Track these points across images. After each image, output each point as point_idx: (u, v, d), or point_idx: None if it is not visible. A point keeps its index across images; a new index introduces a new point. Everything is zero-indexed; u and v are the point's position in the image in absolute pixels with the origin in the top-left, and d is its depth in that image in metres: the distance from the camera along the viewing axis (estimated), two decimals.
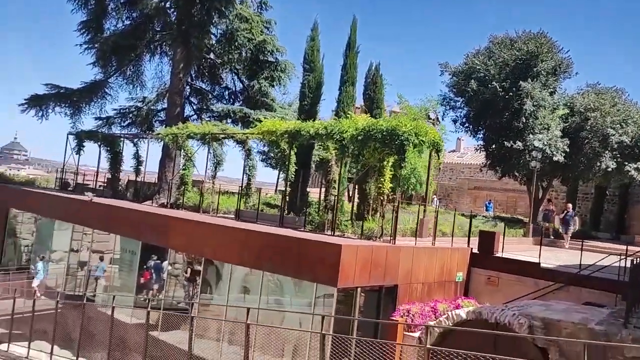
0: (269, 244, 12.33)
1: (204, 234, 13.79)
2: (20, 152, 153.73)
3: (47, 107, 24.28)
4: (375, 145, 13.23)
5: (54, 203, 20.00)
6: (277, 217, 15.91)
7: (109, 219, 17.11)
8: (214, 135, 18.19)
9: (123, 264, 16.65)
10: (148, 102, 25.88)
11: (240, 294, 13.02)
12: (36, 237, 21.85)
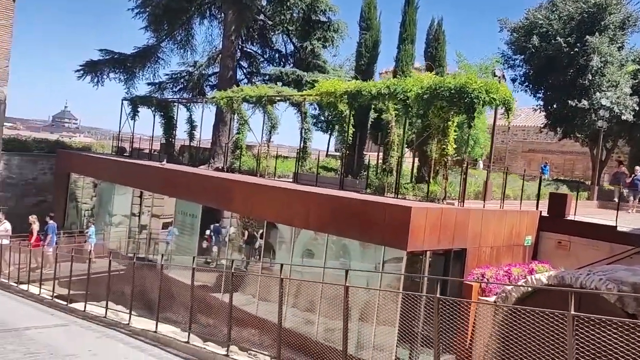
0: (334, 206, 12.13)
1: (266, 197, 13.70)
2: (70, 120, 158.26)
3: (102, 73, 24.51)
4: (442, 105, 12.68)
5: (114, 168, 20.36)
6: (335, 180, 15.67)
7: (170, 183, 17.28)
8: (270, 98, 17.93)
9: (184, 227, 16.83)
10: (199, 66, 25.77)
11: (304, 257, 12.92)
12: (97, 201, 22.38)
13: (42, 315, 10.39)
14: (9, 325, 9.07)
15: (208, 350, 7.48)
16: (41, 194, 25.84)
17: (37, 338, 8.15)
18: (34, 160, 25.94)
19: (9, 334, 8.31)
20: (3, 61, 21.46)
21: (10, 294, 13.18)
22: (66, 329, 9.04)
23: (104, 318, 9.67)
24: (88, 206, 24.94)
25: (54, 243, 17.58)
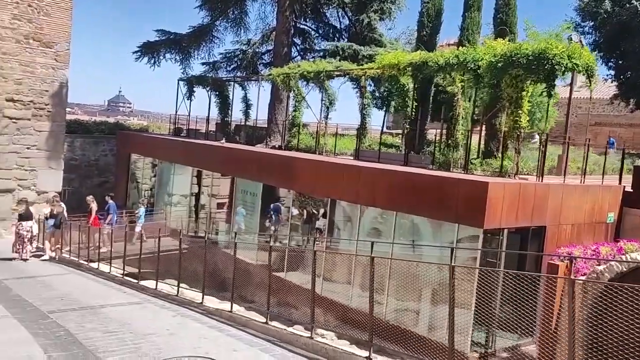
0: (403, 183, 11.63)
1: (331, 175, 13.34)
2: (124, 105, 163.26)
3: (159, 53, 24.64)
4: (518, 73, 11.87)
5: (173, 148, 20.47)
6: (398, 157, 15.12)
7: (229, 161, 17.18)
8: (328, 73, 17.46)
9: (244, 206, 16.73)
10: (253, 44, 25.52)
11: (371, 236, 12.50)
12: (156, 182, 22.65)
13: (115, 293, 10.46)
14: (84, 303, 9.13)
15: (289, 331, 7.22)
16: (103, 175, 26.47)
17: (113, 316, 8.13)
18: (95, 142, 26.54)
19: (86, 312, 8.34)
20: (64, 44, 21.85)
21: (82, 272, 13.42)
22: (141, 307, 9.01)
23: (175, 296, 9.60)
24: (147, 186, 25.35)
25: (114, 222, 17.79)
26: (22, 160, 21.31)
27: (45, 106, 21.51)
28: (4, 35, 20.43)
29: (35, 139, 21.45)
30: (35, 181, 21.69)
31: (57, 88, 21.71)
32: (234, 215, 16.92)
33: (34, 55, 21.09)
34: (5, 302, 9.12)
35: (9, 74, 20.60)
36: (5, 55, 20.44)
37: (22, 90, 20.90)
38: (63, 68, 21.87)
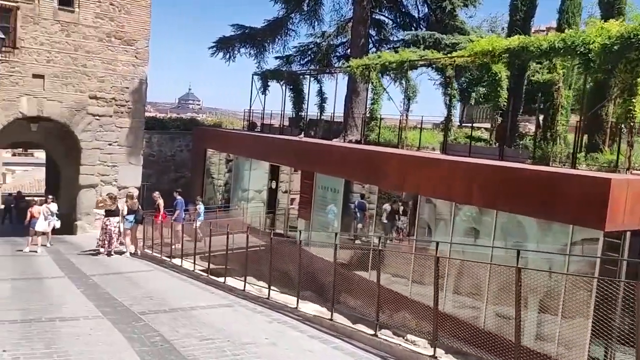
0: (505, 179, 10.63)
1: (421, 170, 12.49)
2: (194, 102, 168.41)
3: (234, 48, 24.52)
4: (636, 56, 10.57)
5: (249, 143, 20.23)
6: (490, 150, 14.06)
7: (307, 156, 16.67)
8: (412, 64, 16.55)
9: (324, 203, 16.15)
10: (327, 36, 24.91)
11: (467, 237, 11.57)
12: (232, 177, 22.51)
13: (202, 293, 10.12)
14: (174, 304, 8.80)
15: (405, 347, 6.51)
16: (179, 171, 26.76)
17: (206, 320, 7.71)
18: (171, 138, 26.86)
19: (178, 314, 7.98)
20: (143, 42, 22.09)
21: (166, 269, 13.28)
22: (232, 310, 8.57)
23: (266, 299, 9.10)
24: (221, 182, 25.37)
25: (182, 218, 17.57)
26: (104, 156, 21.75)
27: (126, 103, 21.85)
28: (88, 34, 20.85)
29: (117, 135, 21.84)
30: (116, 177, 22.09)
31: (137, 85, 22.00)
32: (313, 212, 16.38)
33: (116, 53, 21.44)
34: (96, 300, 8.95)
35: (92, 72, 21.04)
36: (88, 53, 20.88)
37: (104, 88, 21.31)
38: (142, 65, 22.13)
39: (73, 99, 20.77)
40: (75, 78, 20.73)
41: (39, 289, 10.14)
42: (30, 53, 19.83)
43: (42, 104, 20.23)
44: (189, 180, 26.18)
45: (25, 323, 7.25)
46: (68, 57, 20.50)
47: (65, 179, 23.66)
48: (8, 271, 12.25)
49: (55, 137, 22.70)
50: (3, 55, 19.03)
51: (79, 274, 12.12)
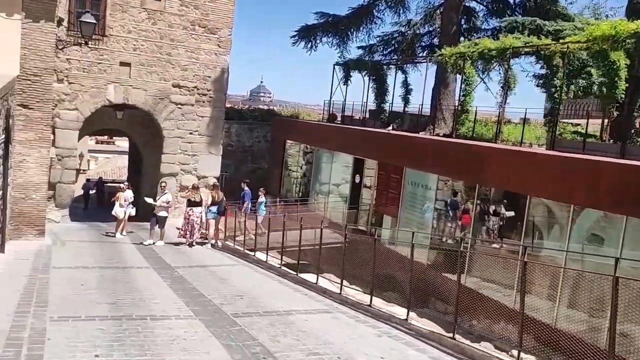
0: (637, 180, 9.21)
1: (527, 168, 11.22)
2: (265, 94, 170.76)
3: (316, 37, 23.83)
4: None
5: (332, 135, 19.45)
6: (606, 147, 12.51)
7: (396, 150, 15.68)
8: (516, 50, 15.15)
9: (414, 200, 15.13)
10: (413, 25, 23.70)
11: (588, 243, 10.22)
12: (312, 169, 21.86)
13: (294, 294, 9.42)
14: (268, 307, 8.12)
15: None
16: (256, 162, 26.51)
17: (306, 328, 6.96)
18: (250, 128, 26.63)
19: (274, 319, 7.29)
20: (226, 30, 21.78)
21: (250, 264, 12.74)
22: (332, 318, 7.78)
23: (368, 307, 8.24)
24: (298, 174, 24.84)
25: (249, 210, 16.95)
26: (185, 145, 21.68)
27: (208, 92, 21.65)
28: (173, 22, 20.77)
29: (197, 124, 21.70)
30: (196, 166, 21.99)
31: (219, 74, 21.75)
32: (401, 209, 15.39)
33: (199, 41, 21.25)
34: (185, 297, 8.44)
35: (176, 61, 20.96)
36: (173, 41, 20.81)
37: (187, 76, 21.19)
38: (225, 54, 21.84)
39: (157, 87, 20.78)
40: (160, 66, 20.72)
41: (125, 280, 9.82)
42: (118, 41, 19.96)
43: (128, 91, 20.35)
44: (266, 171, 25.85)
45: (116, 320, 6.80)
46: (154, 45, 20.50)
47: (147, 167, 23.88)
48: (96, 258, 12.12)
49: (139, 125, 22.90)
50: (93, 43, 19.22)
51: (163, 264, 11.79)
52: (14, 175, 13.30)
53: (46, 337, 5.82)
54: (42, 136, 13.98)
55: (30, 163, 13.81)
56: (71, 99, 19.41)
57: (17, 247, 12.24)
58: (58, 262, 10.92)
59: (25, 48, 13.40)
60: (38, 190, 13.96)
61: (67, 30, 18.51)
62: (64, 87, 19.12)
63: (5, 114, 11.30)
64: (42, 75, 13.76)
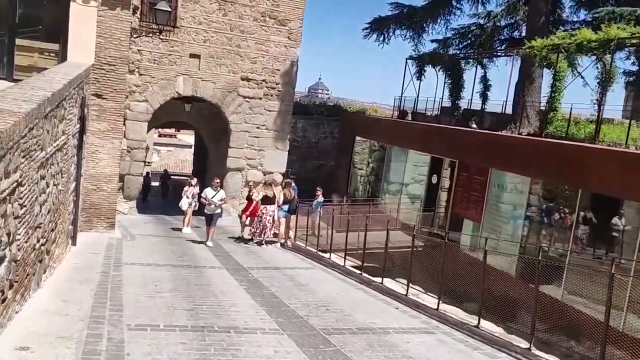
0: None
1: None
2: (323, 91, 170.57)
3: (389, 29, 22.76)
4: None
5: (407, 131, 18.40)
6: None
7: (483, 150, 14.48)
8: (620, 42, 13.63)
9: (500, 204, 13.91)
10: (494, 17, 22.21)
11: None
12: (384, 167, 20.83)
13: (387, 309, 8.49)
14: (360, 322, 7.26)
15: None
16: (322, 158, 25.76)
17: (413, 353, 6.05)
18: (316, 124, 25.91)
19: (372, 340, 6.44)
20: (297, 22, 21.08)
21: (326, 268, 11.94)
22: (437, 341, 6.81)
23: (474, 328, 7.21)
24: (363, 172, 23.94)
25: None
26: (252, 139, 21.16)
27: (276, 85, 21.03)
28: (243, 14, 20.25)
29: (265, 118, 21.14)
30: (262, 161, 21.46)
31: (288, 67, 21.08)
32: (486, 213, 14.19)
33: (269, 33, 20.64)
34: (265, 305, 7.72)
35: (245, 53, 20.44)
36: (243, 33, 20.29)
37: (256, 69, 20.64)
38: (295, 47, 21.15)
39: (226, 79, 20.33)
40: (229, 59, 20.25)
41: (199, 281, 9.22)
42: (188, 32, 19.61)
43: (196, 84, 20.00)
44: (331, 168, 25.08)
45: (198, 332, 6.12)
46: (224, 37, 20.04)
47: (213, 161, 23.61)
48: (166, 254, 11.66)
49: (206, 118, 22.61)
50: (164, 35, 18.98)
51: (235, 265, 11.18)
52: (86, 166, 13.06)
53: (125, 352, 5.19)
54: (115, 127, 13.69)
55: (103, 154, 13.54)
56: (141, 90, 19.23)
57: (88, 239, 11.98)
58: (129, 258, 10.49)
59: (101, 36, 13.10)
60: (110, 182, 13.68)
61: (139, 21, 18.33)
62: (134, 79, 18.93)
63: (81, 103, 10.97)
64: (117, 64, 13.44)
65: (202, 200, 14.23)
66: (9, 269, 5.20)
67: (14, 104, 5.67)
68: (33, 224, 6.33)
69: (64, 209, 9.40)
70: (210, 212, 14.01)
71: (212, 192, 14.25)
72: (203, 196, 14.20)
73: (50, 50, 12.67)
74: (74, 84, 9.56)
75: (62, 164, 8.60)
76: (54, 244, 8.32)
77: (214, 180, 14.87)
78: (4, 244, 4.88)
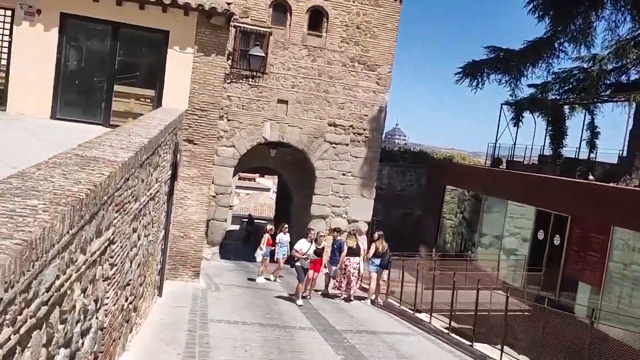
0: None
1: None
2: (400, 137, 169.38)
3: (483, 74, 21.66)
4: None
5: (505, 181, 17.00)
6: None
7: (602, 204, 12.88)
8: None
9: (627, 266, 12.14)
10: (600, 60, 20.58)
11: None
12: (480, 219, 19.35)
13: None
14: None
15: None
16: (407, 207, 24.63)
17: None
18: (402, 171, 24.95)
19: None
20: (386, 67, 20.48)
21: (429, 335, 10.69)
22: None
23: None
24: (451, 222, 22.52)
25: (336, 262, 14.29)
26: (337, 186, 20.49)
27: (363, 131, 20.39)
28: (332, 59, 19.95)
29: (351, 165, 20.45)
30: (347, 209, 20.67)
31: (376, 112, 20.42)
32: (607, 277, 12.44)
33: (358, 78, 20.17)
34: None
35: (333, 98, 20.03)
36: (331, 78, 19.94)
37: (343, 115, 20.13)
38: (383, 92, 20.52)
39: (312, 125, 19.95)
40: (316, 104, 19.89)
41: (291, 346, 8.33)
42: (277, 78, 19.51)
43: (283, 129, 19.73)
44: (418, 217, 23.86)
45: None
46: (312, 82, 19.77)
47: (296, 207, 23.11)
48: (253, 310, 10.91)
49: (289, 163, 22.26)
50: (253, 81, 18.97)
51: (327, 326, 10.22)
52: (174, 213, 12.75)
53: None
54: (205, 173, 13.39)
55: (191, 200, 13.22)
56: (229, 135, 19.17)
57: (173, 288, 11.51)
58: (215, 314, 9.82)
59: (195, 82, 12.98)
60: (197, 229, 13.30)
61: (230, 67, 18.42)
62: (222, 124, 18.89)
63: (174, 149, 10.68)
64: (209, 110, 13.24)
65: (295, 254, 12.78)
66: (95, 339, 4.55)
67: (109, 152, 5.16)
68: (122, 282, 5.73)
69: (153, 260, 8.92)
70: (304, 266, 12.57)
71: (306, 245, 12.83)
72: (297, 249, 12.78)
73: (147, 96, 12.67)
74: (169, 129, 9.23)
75: (154, 213, 8.14)
76: (141, 299, 7.77)
77: (309, 230, 13.61)
78: (90, 313, 4.22)
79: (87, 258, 3.78)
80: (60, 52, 11.45)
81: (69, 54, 11.86)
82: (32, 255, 2.49)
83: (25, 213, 2.78)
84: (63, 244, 3.03)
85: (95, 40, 12.15)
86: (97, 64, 12.16)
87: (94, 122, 11.54)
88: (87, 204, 3.52)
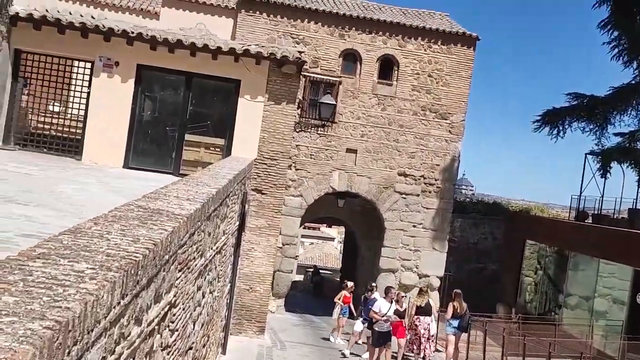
0: None
1: None
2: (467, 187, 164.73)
3: (564, 122, 20.45)
4: None
5: (594, 237, 15.51)
6: None
7: None
8: None
9: None
10: None
11: None
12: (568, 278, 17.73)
13: None
14: None
15: None
16: (482, 261, 23.24)
17: None
18: (475, 223, 23.72)
19: None
20: (459, 115, 19.77)
21: None
22: None
23: None
24: (530, 279, 20.89)
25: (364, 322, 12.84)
26: (407, 238, 19.60)
27: (435, 182, 19.56)
28: (402, 108, 19.49)
29: (422, 216, 19.57)
30: (417, 262, 19.69)
31: (449, 162, 19.60)
32: None
33: (429, 127, 19.54)
34: None
35: (403, 147, 19.44)
36: (401, 127, 19.43)
37: (414, 164, 19.44)
38: (456, 141, 19.73)
39: (382, 175, 19.37)
40: (386, 153, 19.35)
41: None
42: (346, 127, 19.21)
43: (352, 179, 19.25)
44: (493, 272, 22.37)
45: None
46: (381, 131, 19.33)
47: (363, 259, 22.33)
48: None
49: (358, 214, 21.64)
50: (323, 130, 18.73)
51: None
52: (240, 265, 12.32)
53: None
54: (272, 223, 12.96)
55: (258, 252, 12.77)
56: (296, 185, 18.89)
57: (237, 344, 10.94)
58: None
59: (265, 131, 12.76)
60: (263, 282, 12.78)
61: (299, 116, 18.30)
62: (290, 173, 18.62)
63: (242, 199, 10.33)
64: (278, 159, 12.93)
65: (374, 316, 11.48)
66: None
67: (175, 203, 4.73)
68: (184, 348, 5.19)
69: (217, 317, 8.41)
70: (382, 330, 11.31)
71: (386, 305, 11.59)
72: (375, 310, 11.54)
73: (217, 145, 12.54)
74: (238, 179, 8.88)
75: (220, 267, 7.68)
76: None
77: (389, 290, 12.34)
78: None
79: (143, 329, 3.25)
80: (135, 102, 11.57)
81: (144, 104, 11.98)
82: (67, 341, 1.96)
83: (68, 281, 2.29)
84: (112, 319, 2.52)
85: (168, 90, 12.26)
86: (169, 114, 12.20)
87: (165, 171, 11.46)
88: (144, 266, 3.02)
